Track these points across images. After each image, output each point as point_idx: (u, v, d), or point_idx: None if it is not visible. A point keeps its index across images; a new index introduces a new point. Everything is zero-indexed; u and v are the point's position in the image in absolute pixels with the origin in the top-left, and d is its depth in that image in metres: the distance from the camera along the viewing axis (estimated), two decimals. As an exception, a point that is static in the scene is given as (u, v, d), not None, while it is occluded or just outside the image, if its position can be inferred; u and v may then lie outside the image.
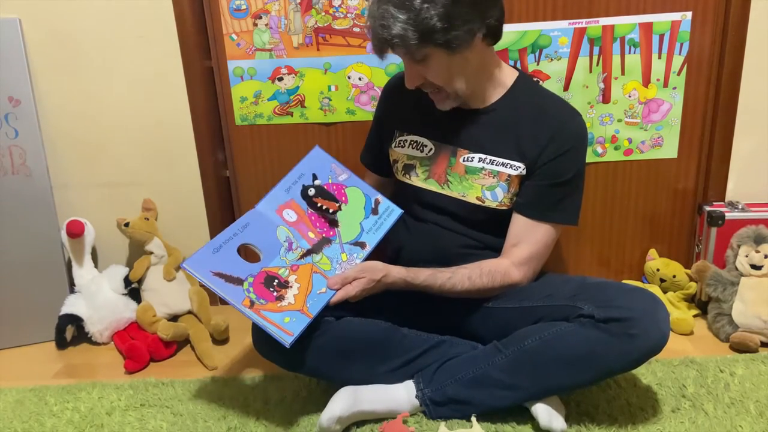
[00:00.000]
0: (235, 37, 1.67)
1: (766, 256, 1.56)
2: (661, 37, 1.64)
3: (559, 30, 1.63)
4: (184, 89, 1.70)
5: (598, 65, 1.66)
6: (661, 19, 1.62)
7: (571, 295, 1.24)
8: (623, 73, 1.67)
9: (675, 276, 1.71)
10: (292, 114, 1.73)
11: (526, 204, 1.30)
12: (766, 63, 1.65)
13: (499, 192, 1.30)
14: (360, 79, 1.69)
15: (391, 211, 1.37)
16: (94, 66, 1.69)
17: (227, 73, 1.70)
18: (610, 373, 1.23)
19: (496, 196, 1.31)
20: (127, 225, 1.72)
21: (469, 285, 1.28)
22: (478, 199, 1.32)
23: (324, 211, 1.32)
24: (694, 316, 1.66)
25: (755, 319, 1.53)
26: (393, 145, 1.43)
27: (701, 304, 1.69)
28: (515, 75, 1.33)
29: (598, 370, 1.19)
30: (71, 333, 1.67)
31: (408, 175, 1.39)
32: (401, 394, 1.29)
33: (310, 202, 1.32)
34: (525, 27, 1.63)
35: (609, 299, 1.19)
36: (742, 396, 1.33)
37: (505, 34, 1.30)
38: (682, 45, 1.64)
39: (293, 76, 1.69)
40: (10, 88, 1.65)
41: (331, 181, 1.35)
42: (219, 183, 1.80)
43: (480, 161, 1.31)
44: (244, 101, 1.72)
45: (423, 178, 1.37)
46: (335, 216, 1.32)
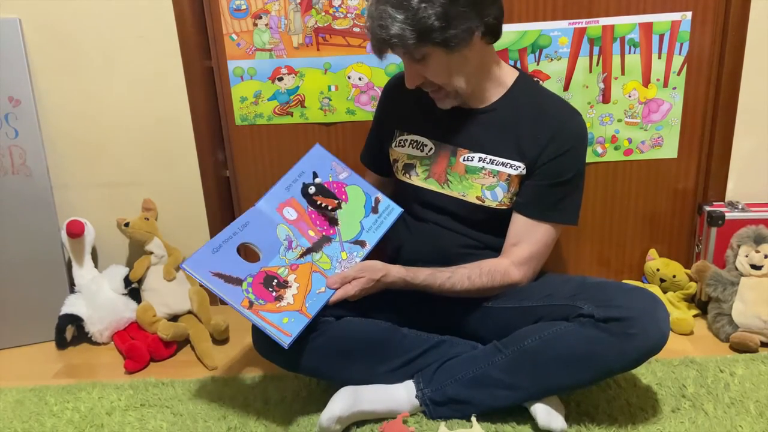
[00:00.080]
0: (235, 37, 1.67)
1: (766, 256, 1.56)
2: (661, 37, 1.64)
3: (559, 30, 1.63)
4: (184, 89, 1.70)
5: (598, 65, 1.66)
6: (661, 19, 1.62)
7: (571, 294, 1.24)
8: (623, 73, 1.67)
9: (675, 276, 1.71)
10: (292, 114, 1.73)
11: (526, 204, 1.30)
12: (766, 63, 1.65)
13: (499, 192, 1.30)
14: (360, 79, 1.69)
15: (391, 209, 1.37)
16: (94, 66, 1.69)
17: (227, 73, 1.70)
18: (609, 373, 1.23)
19: (496, 195, 1.31)
20: (127, 225, 1.72)
21: (469, 284, 1.28)
22: (478, 198, 1.32)
23: (324, 210, 1.31)
24: (694, 316, 1.66)
25: (755, 319, 1.53)
26: (393, 144, 1.43)
27: (701, 304, 1.69)
28: (515, 75, 1.33)
29: (597, 370, 1.19)
30: (71, 333, 1.67)
31: (408, 175, 1.39)
32: (401, 394, 1.29)
33: (311, 200, 1.31)
34: (525, 27, 1.63)
35: (609, 299, 1.19)
36: (742, 396, 1.33)
37: (505, 34, 1.30)
38: (682, 45, 1.64)
39: (293, 76, 1.70)
40: (10, 88, 1.65)
41: (331, 179, 1.35)
42: (219, 183, 1.80)
43: (480, 161, 1.31)
44: (244, 101, 1.72)
45: (423, 178, 1.37)
46: (335, 214, 1.32)
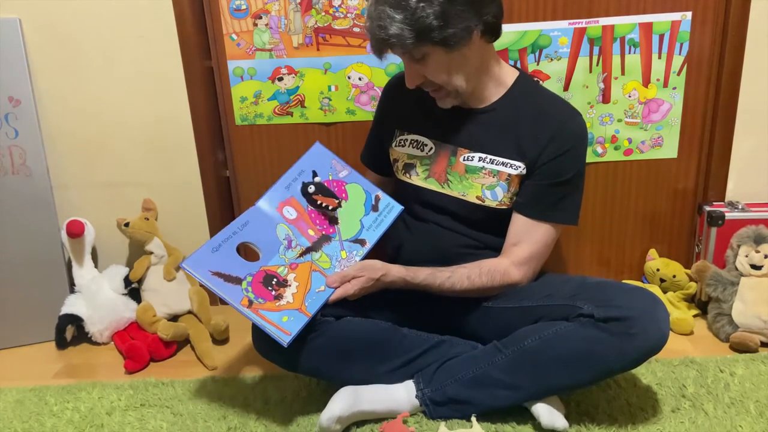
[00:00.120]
0: (235, 37, 1.67)
1: (766, 256, 1.56)
2: (661, 37, 1.64)
3: (559, 30, 1.63)
4: (184, 89, 1.70)
5: (598, 65, 1.66)
6: (661, 19, 1.62)
7: (571, 294, 1.24)
8: (623, 73, 1.67)
9: (675, 276, 1.71)
10: (292, 114, 1.73)
11: (526, 203, 1.30)
12: (766, 63, 1.65)
13: (499, 191, 1.30)
14: (360, 79, 1.69)
15: (391, 207, 1.36)
16: (94, 66, 1.69)
17: (227, 73, 1.70)
18: (609, 373, 1.23)
19: (496, 195, 1.31)
20: (127, 225, 1.72)
21: (469, 284, 1.28)
22: (478, 198, 1.32)
23: (324, 209, 1.31)
24: (694, 316, 1.66)
25: (755, 319, 1.53)
26: (393, 144, 1.43)
27: (701, 304, 1.69)
28: (515, 74, 1.33)
29: (597, 370, 1.19)
30: (71, 333, 1.67)
31: (408, 174, 1.39)
32: (401, 394, 1.29)
33: (310, 199, 1.31)
34: (525, 27, 1.63)
35: (609, 299, 1.19)
36: (742, 396, 1.33)
37: (505, 34, 1.29)
38: (682, 45, 1.64)
39: (293, 76, 1.69)
40: (10, 88, 1.65)
41: (331, 177, 1.35)
42: (219, 183, 1.80)
43: (480, 160, 1.31)
44: (244, 101, 1.72)
45: (423, 178, 1.37)
46: (335, 213, 1.32)
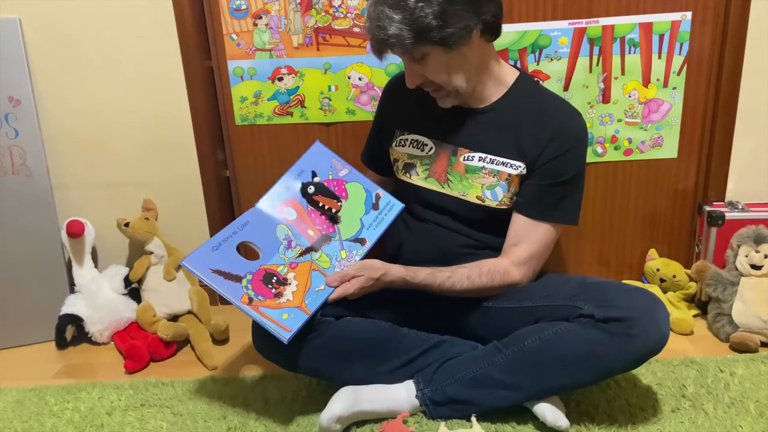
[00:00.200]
0: (235, 37, 1.67)
1: (766, 256, 1.56)
2: (661, 37, 1.64)
3: (559, 30, 1.63)
4: (184, 89, 1.70)
5: (598, 65, 1.66)
6: (661, 19, 1.62)
7: (571, 295, 1.24)
8: (623, 73, 1.67)
9: (675, 276, 1.71)
10: (292, 114, 1.73)
11: (527, 203, 1.30)
12: (766, 63, 1.65)
13: (499, 191, 1.30)
14: (360, 79, 1.69)
15: (392, 205, 1.36)
16: (94, 66, 1.69)
17: (227, 73, 1.70)
18: (610, 373, 1.23)
19: (496, 195, 1.31)
20: (127, 225, 1.72)
21: (469, 284, 1.28)
22: (478, 198, 1.32)
23: (323, 209, 1.31)
24: (694, 316, 1.66)
25: (755, 319, 1.53)
26: (393, 144, 1.43)
27: (701, 304, 1.69)
28: (516, 74, 1.33)
29: (598, 370, 1.19)
30: (71, 333, 1.67)
31: (408, 174, 1.39)
32: (401, 394, 1.29)
33: (310, 200, 1.31)
34: (525, 27, 1.63)
35: (609, 299, 1.18)
36: (742, 396, 1.33)
37: (505, 34, 1.29)
38: (682, 45, 1.64)
39: (293, 76, 1.69)
40: (10, 88, 1.65)
41: (331, 176, 1.35)
42: (219, 183, 1.80)
43: (480, 160, 1.31)
44: (244, 101, 1.72)
45: (423, 177, 1.37)
46: (335, 213, 1.32)
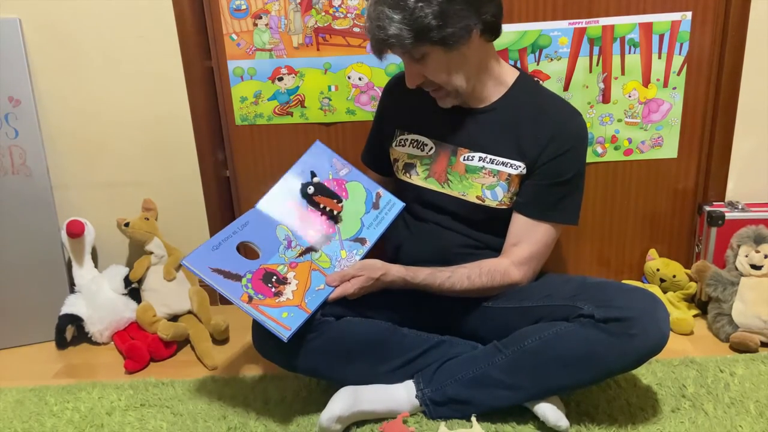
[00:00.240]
0: (235, 37, 1.67)
1: (766, 256, 1.56)
2: (661, 37, 1.64)
3: (559, 30, 1.63)
4: (184, 89, 1.70)
5: (598, 65, 1.66)
6: (661, 19, 1.62)
7: (571, 295, 1.24)
8: (623, 73, 1.67)
9: (675, 276, 1.71)
10: (292, 114, 1.73)
11: (527, 203, 1.30)
12: (766, 63, 1.65)
13: (499, 191, 1.30)
14: (360, 79, 1.69)
15: (392, 204, 1.36)
16: (94, 66, 1.69)
17: (227, 73, 1.70)
18: (610, 373, 1.23)
19: (496, 195, 1.31)
20: (127, 225, 1.72)
21: (469, 284, 1.28)
22: (478, 198, 1.32)
23: (323, 209, 1.31)
24: (694, 316, 1.66)
25: (755, 319, 1.53)
26: (394, 144, 1.43)
27: (701, 304, 1.69)
28: (516, 74, 1.33)
29: (598, 370, 1.19)
30: (71, 333, 1.67)
31: (408, 174, 1.39)
32: (401, 394, 1.29)
33: (310, 200, 1.31)
34: (525, 27, 1.63)
35: (609, 299, 1.18)
36: (742, 396, 1.33)
37: (505, 34, 1.29)
38: (682, 45, 1.64)
39: (293, 76, 1.69)
40: (10, 88, 1.65)
41: (331, 176, 1.35)
42: (219, 183, 1.80)
43: (480, 160, 1.31)
44: (244, 101, 1.72)
45: (423, 177, 1.37)
46: (335, 213, 1.32)
